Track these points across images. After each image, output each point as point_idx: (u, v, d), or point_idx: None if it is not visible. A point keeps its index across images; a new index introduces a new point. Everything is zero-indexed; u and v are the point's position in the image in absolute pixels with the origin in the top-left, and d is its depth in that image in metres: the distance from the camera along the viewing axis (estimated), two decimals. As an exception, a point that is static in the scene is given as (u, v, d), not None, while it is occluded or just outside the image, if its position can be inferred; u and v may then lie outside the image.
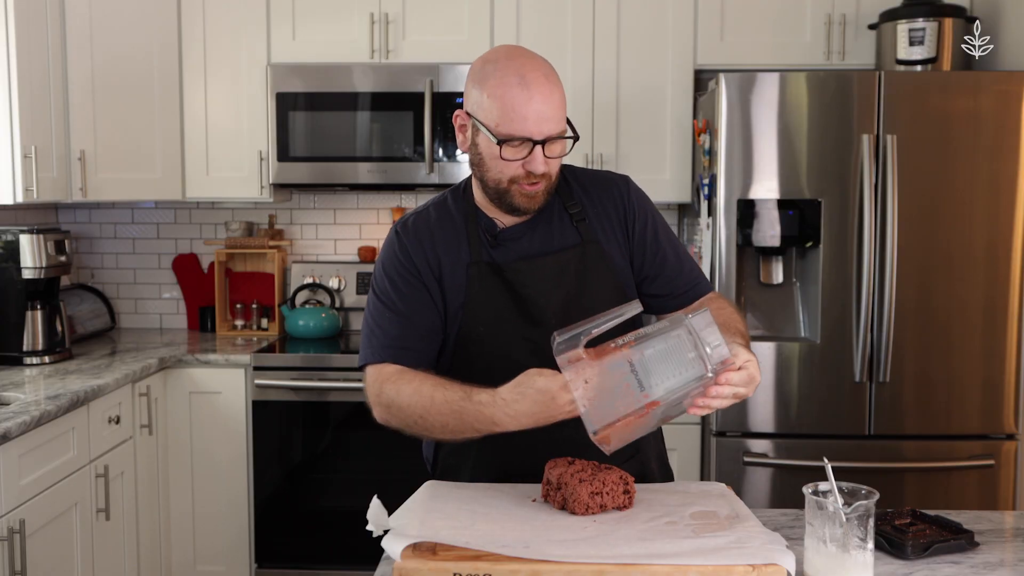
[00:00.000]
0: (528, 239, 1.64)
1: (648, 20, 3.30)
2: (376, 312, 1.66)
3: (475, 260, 1.62)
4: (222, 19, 3.36)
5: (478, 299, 1.61)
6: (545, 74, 1.53)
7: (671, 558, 1.20)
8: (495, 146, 1.52)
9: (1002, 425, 2.84)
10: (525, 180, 1.54)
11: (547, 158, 1.53)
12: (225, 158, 3.40)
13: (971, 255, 2.81)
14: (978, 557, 1.37)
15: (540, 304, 1.61)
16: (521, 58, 1.54)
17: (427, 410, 1.53)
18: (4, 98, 2.77)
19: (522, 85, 1.50)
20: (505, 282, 1.61)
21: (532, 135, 1.50)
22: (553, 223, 1.65)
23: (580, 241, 1.64)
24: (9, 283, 2.94)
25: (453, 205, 1.68)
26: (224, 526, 3.18)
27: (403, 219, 1.70)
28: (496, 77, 1.51)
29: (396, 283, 1.64)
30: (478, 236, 1.64)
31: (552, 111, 1.51)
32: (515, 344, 1.61)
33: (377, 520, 1.30)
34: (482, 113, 1.53)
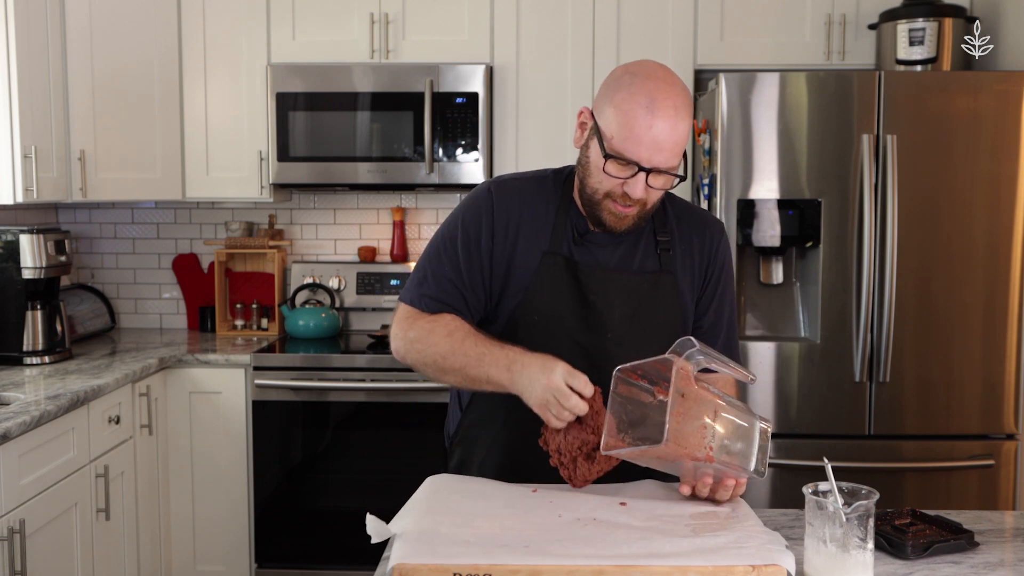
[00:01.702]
0: (611, 250, 1.63)
1: (648, 20, 3.30)
2: (435, 259, 1.64)
3: (553, 250, 1.61)
4: (222, 19, 3.36)
5: (543, 288, 1.60)
6: (675, 105, 1.48)
7: (671, 558, 1.20)
8: (602, 157, 1.51)
9: (1002, 425, 2.84)
10: (620, 200, 1.53)
11: (649, 187, 1.51)
12: (225, 158, 3.40)
13: (971, 255, 2.81)
14: (978, 557, 1.37)
15: (602, 315, 1.60)
16: (659, 81, 1.50)
17: (453, 352, 1.54)
18: (4, 98, 2.77)
19: (649, 109, 1.47)
20: (576, 282, 1.61)
21: (641, 161, 1.48)
22: (640, 244, 1.65)
23: (659, 270, 1.64)
24: (9, 283, 2.94)
25: (552, 186, 1.66)
26: (224, 526, 3.18)
27: (500, 179, 1.68)
28: (628, 91, 1.49)
29: (469, 239, 1.62)
30: (565, 227, 1.63)
31: (670, 144, 1.48)
32: (565, 343, 1.60)
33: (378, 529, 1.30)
34: (603, 120, 1.51)
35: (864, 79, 2.78)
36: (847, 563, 1.20)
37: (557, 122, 3.35)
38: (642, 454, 1.36)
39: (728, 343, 1.71)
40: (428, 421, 3.12)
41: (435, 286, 1.62)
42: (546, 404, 1.43)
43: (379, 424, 3.14)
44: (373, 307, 3.66)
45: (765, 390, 2.85)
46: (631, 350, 1.59)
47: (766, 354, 2.84)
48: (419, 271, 1.66)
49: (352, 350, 3.32)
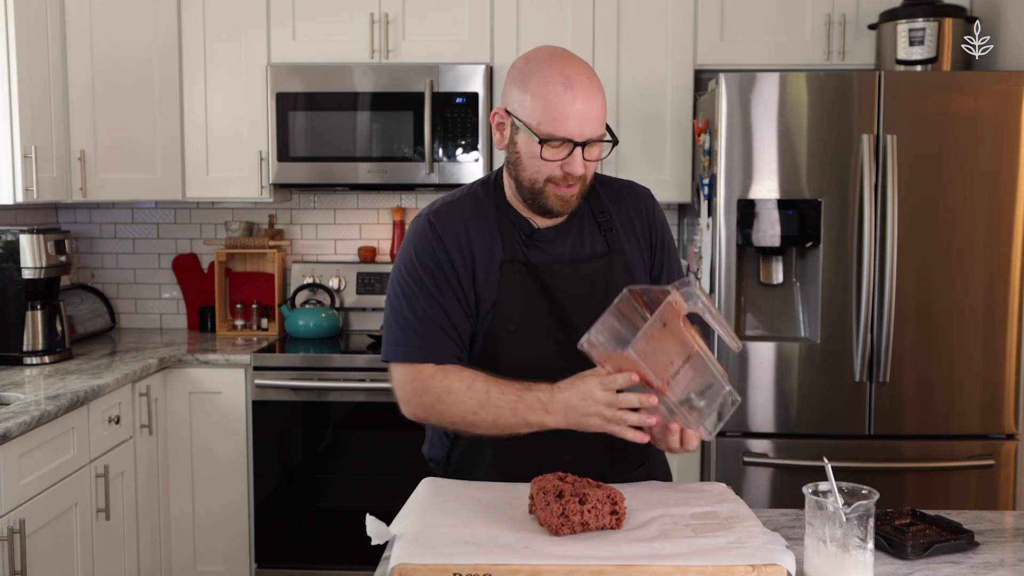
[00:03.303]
0: (561, 243, 1.64)
1: (648, 20, 3.30)
2: (410, 305, 1.60)
3: (509, 258, 1.61)
4: (222, 19, 3.36)
5: (510, 298, 1.60)
6: (588, 76, 1.52)
7: (671, 558, 1.20)
8: (535, 145, 1.51)
9: (1002, 425, 2.84)
10: (562, 181, 1.54)
11: (585, 160, 1.53)
12: (225, 158, 3.40)
13: (971, 255, 2.81)
14: (978, 557, 1.37)
15: (571, 308, 1.61)
16: (564, 59, 1.53)
17: (481, 405, 1.53)
18: (4, 98, 2.77)
19: (566, 85, 1.49)
20: (539, 283, 1.61)
21: (573, 136, 1.50)
22: (584, 230, 1.66)
23: (608, 251, 1.65)
24: (9, 283, 2.94)
25: (484, 198, 1.66)
26: (224, 526, 3.18)
27: (433, 209, 1.66)
28: (539, 76, 1.51)
29: (434, 275, 1.60)
30: (511, 233, 1.63)
31: (594, 113, 1.51)
32: (545, 345, 1.60)
33: (378, 531, 1.30)
34: (523, 112, 1.52)
35: (864, 79, 2.78)
36: (847, 563, 1.20)
37: (557, 122, 3.34)
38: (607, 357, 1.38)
39: None
40: (428, 421, 3.11)
41: (423, 334, 1.59)
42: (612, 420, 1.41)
43: (379, 424, 3.13)
44: (373, 307, 3.66)
45: (765, 390, 2.85)
46: None
47: (766, 354, 2.84)
48: (394, 326, 1.62)
49: (352, 350, 3.32)
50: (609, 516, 1.31)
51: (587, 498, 1.31)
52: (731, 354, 2.83)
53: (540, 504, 1.32)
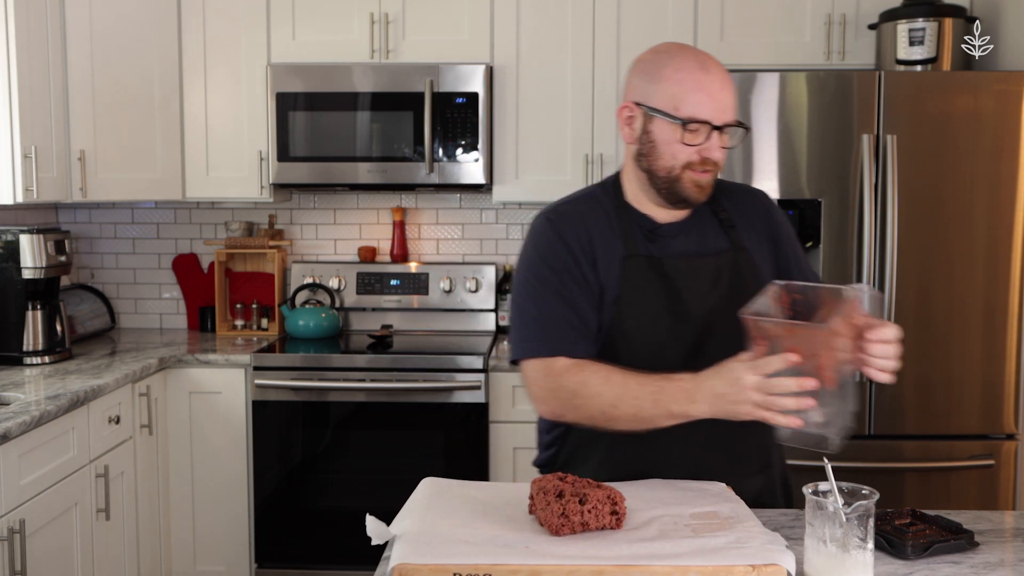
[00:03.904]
0: (684, 239, 1.64)
1: (648, 20, 3.30)
2: (535, 303, 1.61)
3: (631, 253, 1.61)
4: (222, 19, 3.36)
5: (632, 293, 1.60)
6: (718, 63, 1.55)
7: (671, 558, 1.20)
8: (675, 131, 1.53)
9: (1002, 425, 2.84)
10: (699, 166, 1.55)
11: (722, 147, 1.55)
12: (225, 158, 3.40)
13: (971, 255, 2.81)
14: (978, 557, 1.37)
15: (692, 302, 1.60)
16: (694, 49, 1.59)
17: (620, 398, 1.50)
18: (4, 98, 2.77)
19: (703, 70, 1.53)
20: (663, 277, 1.60)
21: (712, 119, 1.52)
22: (705, 226, 1.66)
23: (731, 247, 1.65)
24: (9, 283, 2.94)
25: (603, 199, 1.67)
26: (224, 526, 3.18)
27: (551, 208, 1.67)
28: (674, 64, 1.54)
29: (557, 270, 1.60)
30: (632, 230, 1.63)
31: (729, 99, 1.54)
32: (665, 341, 1.59)
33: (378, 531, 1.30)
34: (659, 100, 1.54)
35: (864, 79, 2.78)
36: (847, 563, 1.20)
37: (557, 122, 3.35)
38: (771, 331, 1.35)
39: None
40: (428, 421, 3.12)
41: (551, 330, 1.58)
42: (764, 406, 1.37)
43: (379, 424, 3.13)
44: (373, 307, 3.66)
45: (765, 390, 2.84)
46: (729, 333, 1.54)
47: (766, 354, 2.83)
48: (522, 325, 1.62)
49: (352, 350, 3.32)
50: (609, 516, 1.31)
51: (587, 498, 1.31)
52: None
53: (540, 504, 1.32)
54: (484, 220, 3.74)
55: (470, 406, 3.10)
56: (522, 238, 3.81)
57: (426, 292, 3.63)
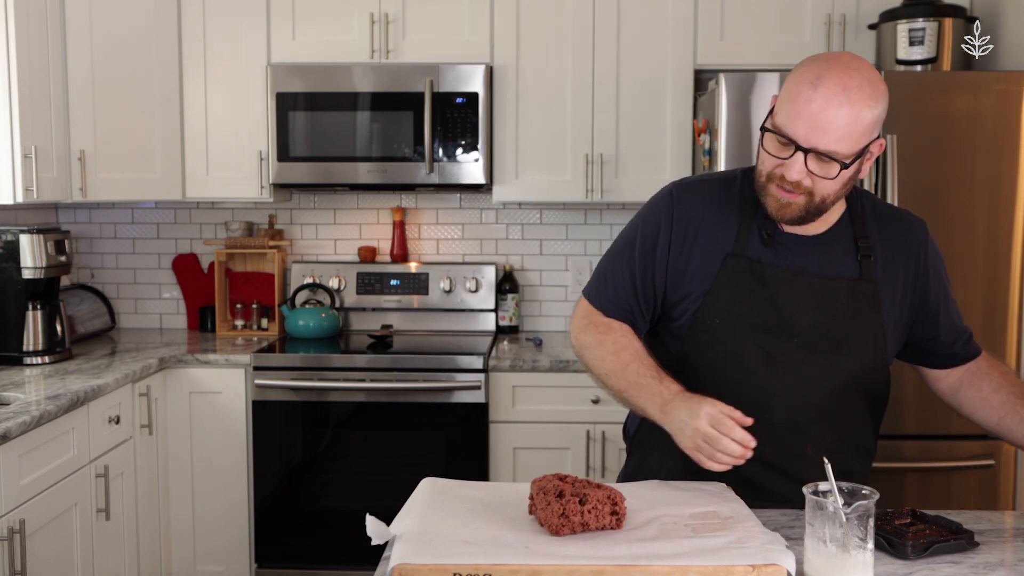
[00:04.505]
0: (802, 252, 1.57)
1: (648, 20, 3.30)
2: (616, 259, 1.66)
3: (737, 252, 1.57)
4: (222, 19, 3.36)
5: (724, 291, 1.57)
6: (844, 86, 1.39)
7: (671, 558, 1.20)
8: (766, 135, 1.47)
9: (1002, 425, 2.84)
10: (780, 183, 1.46)
11: (810, 172, 1.43)
12: (225, 158, 3.40)
13: (971, 255, 2.81)
14: (978, 557, 1.37)
15: (789, 318, 1.55)
16: (836, 63, 1.42)
17: (616, 372, 1.57)
18: (4, 98, 2.77)
19: (812, 85, 1.40)
20: (762, 284, 1.56)
21: (798, 138, 1.40)
22: (836, 248, 1.58)
23: (858, 277, 1.57)
24: (9, 283, 2.94)
25: (739, 187, 1.61)
26: (224, 526, 3.18)
27: (684, 180, 1.67)
28: (799, 70, 1.45)
29: (646, 243, 1.62)
30: (751, 228, 1.57)
31: (833, 125, 1.38)
32: (748, 347, 1.57)
33: (378, 531, 1.30)
34: (779, 99, 1.46)
35: (864, 79, 2.78)
36: (847, 563, 1.20)
37: (557, 122, 3.34)
38: None
39: (958, 334, 1.71)
40: (428, 421, 3.12)
41: (611, 288, 1.65)
42: (698, 448, 1.42)
43: (379, 424, 3.13)
44: (373, 307, 3.66)
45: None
46: (820, 356, 1.56)
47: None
48: (601, 267, 1.69)
49: (352, 350, 3.32)
50: (609, 516, 1.31)
51: (587, 498, 1.31)
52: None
53: (540, 504, 1.32)
54: (484, 220, 3.74)
55: (470, 406, 3.10)
56: (522, 238, 3.84)
57: (426, 292, 3.63)
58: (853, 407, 1.64)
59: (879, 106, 1.42)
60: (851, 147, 1.41)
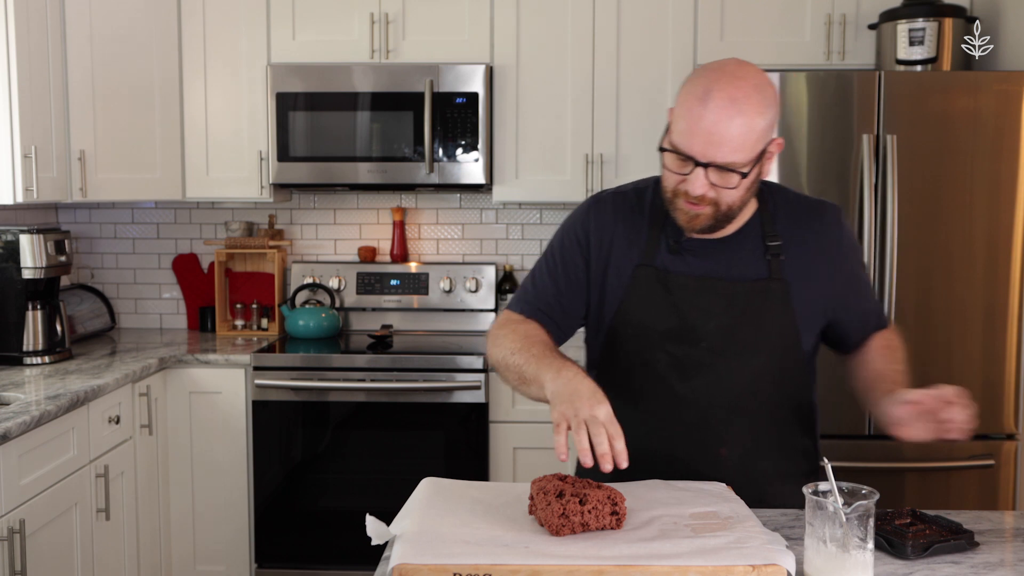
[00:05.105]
0: (710, 257, 1.57)
1: (648, 20, 3.30)
2: (539, 268, 1.68)
3: (645, 262, 1.58)
4: (222, 19, 3.36)
5: (635, 300, 1.58)
6: (732, 97, 1.39)
7: (671, 558, 1.20)
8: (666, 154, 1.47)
9: (1002, 425, 2.84)
10: (685, 198, 1.47)
11: (712, 184, 1.43)
12: (225, 158, 3.40)
13: (971, 255, 2.81)
14: (978, 557, 1.37)
15: (698, 325, 1.56)
16: (722, 74, 1.42)
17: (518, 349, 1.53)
18: (4, 98, 2.77)
19: (702, 100, 1.40)
20: (668, 292, 1.57)
21: (695, 155, 1.41)
22: (744, 249, 1.57)
23: (767, 276, 1.56)
24: (9, 283, 2.94)
25: (650, 197, 1.63)
26: (224, 526, 3.18)
27: (601, 193, 1.69)
28: (691, 84, 1.44)
29: (567, 251, 1.64)
30: (660, 237, 1.59)
31: (724, 138, 1.39)
32: (658, 355, 1.58)
33: (378, 531, 1.30)
34: (674, 115, 1.47)
35: (864, 79, 2.78)
36: (847, 563, 1.20)
37: (557, 122, 3.34)
38: None
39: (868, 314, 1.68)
40: (428, 421, 3.12)
41: (533, 295, 1.66)
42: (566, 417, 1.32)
43: (379, 424, 3.13)
44: (373, 307, 3.66)
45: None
46: (729, 358, 1.57)
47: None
48: (526, 279, 1.70)
49: (352, 350, 3.32)
50: (609, 516, 1.31)
51: (587, 498, 1.31)
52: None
53: (540, 504, 1.32)
54: (484, 220, 3.74)
55: (470, 406, 3.10)
56: (522, 238, 3.84)
57: (426, 292, 3.63)
58: (772, 407, 1.62)
59: (770, 111, 1.43)
60: (748, 155, 1.42)
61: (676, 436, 1.48)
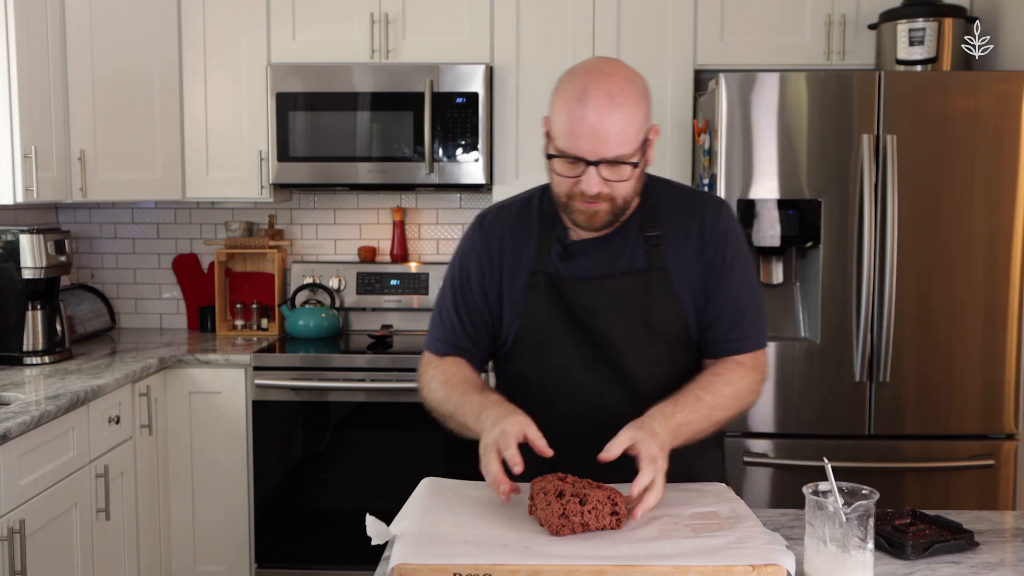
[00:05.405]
0: (597, 257, 1.59)
1: (648, 20, 3.30)
2: (442, 300, 1.70)
3: (539, 269, 1.60)
4: (222, 19, 3.36)
5: (534, 309, 1.60)
6: (609, 94, 1.43)
7: (671, 558, 1.20)
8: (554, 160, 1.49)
9: (1002, 425, 2.84)
10: (581, 198, 1.48)
11: (606, 180, 1.46)
12: (225, 158, 3.40)
13: (971, 255, 2.81)
14: (978, 557, 1.37)
15: (593, 326, 1.58)
16: (594, 73, 1.46)
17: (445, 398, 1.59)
18: (4, 98, 2.77)
19: (580, 101, 1.43)
20: (561, 296, 1.59)
21: (584, 155, 1.44)
22: (627, 244, 1.59)
23: (648, 267, 1.58)
24: (9, 283, 2.94)
25: (537, 205, 1.65)
26: (224, 526, 3.18)
27: (485, 210, 1.71)
28: (563, 88, 1.47)
29: (464, 276, 1.66)
30: (548, 244, 1.61)
31: (611, 133, 1.42)
32: (568, 358, 1.60)
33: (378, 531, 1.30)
34: (552, 123, 1.49)
35: (864, 79, 2.78)
36: (847, 563, 1.20)
37: (557, 122, 3.34)
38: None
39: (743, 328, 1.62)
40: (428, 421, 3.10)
41: (442, 328, 1.68)
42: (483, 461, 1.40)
43: (379, 424, 3.13)
44: (373, 307, 3.66)
45: (765, 390, 2.83)
46: (631, 352, 1.59)
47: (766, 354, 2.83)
48: (433, 314, 1.72)
49: (352, 350, 3.32)
50: (609, 517, 1.31)
51: (587, 498, 1.31)
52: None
53: (540, 504, 1.32)
54: (484, 220, 3.74)
55: (470, 406, 3.09)
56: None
57: (426, 292, 3.63)
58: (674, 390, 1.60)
59: (645, 100, 1.48)
60: (633, 146, 1.46)
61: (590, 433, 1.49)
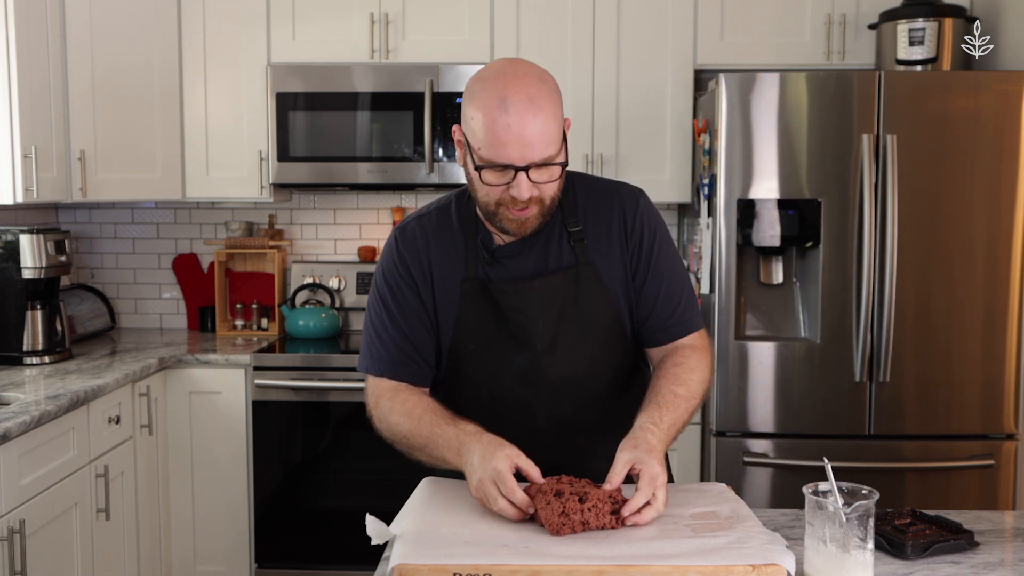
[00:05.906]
0: (524, 258, 1.58)
1: (648, 20, 3.30)
2: (376, 319, 1.63)
3: (469, 276, 1.58)
4: (222, 19, 3.36)
5: (469, 317, 1.58)
6: (529, 96, 1.40)
7: (671, 558, 1.20)
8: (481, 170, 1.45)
9: (1002, 425, 2.84)
10: (512, 205, 1.46)
11: (535, 183, 1.43)
12: (225, 158, 3.40)
13: (971, 255, 2.81)
14: (978, 557, 1.37)
15: (528, 328, 1.56)
16: (508, 77, 1.42)
17: (412, 431, 1.54)
18: (4, 98, 2.77)
19: (501, 109, 1.39)
20: (494, 301, 1.57)
21: (513, 162, 1.41)
22: (552, 242, 1.58)
23: (575, 263, 1.57)
24: (9, 283, 2.94)
25: (456, 212, 1.62)
26: (224, 526, 3.18)
27: (403, 223, 1.65)
28: (480, 97, 1.42)
29: (395, 292, 1.61)
30: (474, 250, 1.59)
31: (535, 137, 1.40)
32: (503, 364, 1.58)
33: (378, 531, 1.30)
34: (469, 133, 1.44)
35: (864, 79, 2.78)
36: (847, 563, 1.20)
37: (557, 122, 3.34)
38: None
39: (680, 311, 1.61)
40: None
41: (383, 348, 1.61)
42: (480, 498, 1.38)
43: (379, 424, 3.13)
44: (373, 307, 3.65)
45: (765, 390, 2.85)
46: (564, 357, 1.57)
47: (766, 354, 2.84)
48: (366, 336, 1.65)
49: (352, 350, 3.32)
50: (609, 516, 1.31)
51: (587, 496, 1.31)
52: (731, 354, 2.84)
53: (540, 503, 1.32)
54: (484, 220, 3.74)
55: (470, 406, 3.09)
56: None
57: (426, 292, 3.63)
58: (614, 388, 1.63)
59: (558, 95, 1.46)
60: (558, 145, 1.45)
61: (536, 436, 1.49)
